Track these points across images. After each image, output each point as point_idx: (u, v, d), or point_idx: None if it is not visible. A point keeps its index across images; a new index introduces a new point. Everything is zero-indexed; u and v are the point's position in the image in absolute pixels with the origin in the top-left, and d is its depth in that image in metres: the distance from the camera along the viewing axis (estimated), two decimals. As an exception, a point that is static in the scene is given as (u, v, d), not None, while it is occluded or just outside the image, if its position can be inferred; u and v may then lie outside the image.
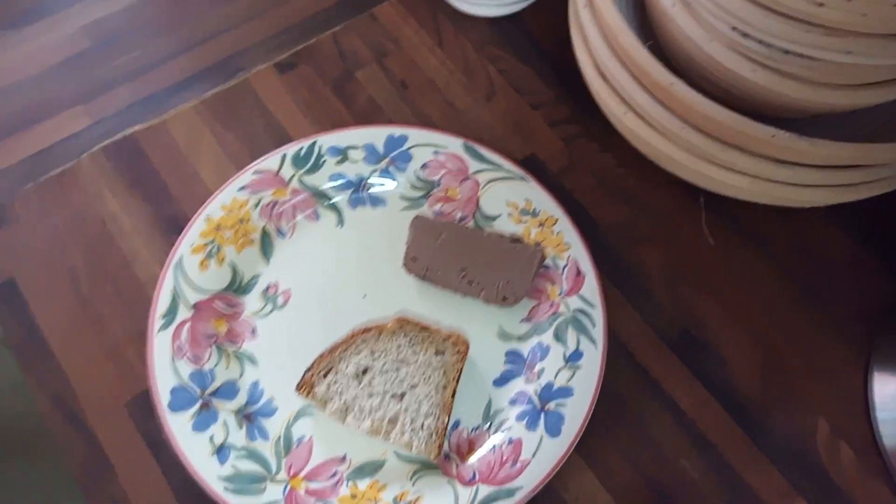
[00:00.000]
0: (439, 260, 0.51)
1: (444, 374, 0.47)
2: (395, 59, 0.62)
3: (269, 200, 0.53)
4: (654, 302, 0.53)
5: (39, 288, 0.51)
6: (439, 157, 0.55)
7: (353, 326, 0.50)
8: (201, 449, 0.45)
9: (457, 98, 0.60)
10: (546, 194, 0.53)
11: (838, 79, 0.42)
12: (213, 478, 0.44)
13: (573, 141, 0.59)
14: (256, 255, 0.52)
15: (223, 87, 0.60)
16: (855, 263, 0.56)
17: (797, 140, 0.42)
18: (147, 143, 0.57)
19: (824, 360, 0.52)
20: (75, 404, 0.48)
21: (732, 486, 0.48)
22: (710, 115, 0.43)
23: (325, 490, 0.45)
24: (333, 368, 0.47)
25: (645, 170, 0.57)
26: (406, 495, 0.45)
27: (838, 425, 0.50)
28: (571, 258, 0.52)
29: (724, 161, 0.46)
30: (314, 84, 0.60)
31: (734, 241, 0.56)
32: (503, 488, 0.45)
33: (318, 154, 0.55)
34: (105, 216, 0.54)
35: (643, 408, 0.50)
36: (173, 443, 0.45)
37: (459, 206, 0.54)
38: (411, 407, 0.46)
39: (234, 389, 0.48)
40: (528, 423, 0.47)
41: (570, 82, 0.61)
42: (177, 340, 0.48)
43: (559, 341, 0.50)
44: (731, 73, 0.44)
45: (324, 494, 0.45)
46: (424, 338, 0.48)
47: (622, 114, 0.50)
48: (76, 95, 0.59)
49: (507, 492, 0.45)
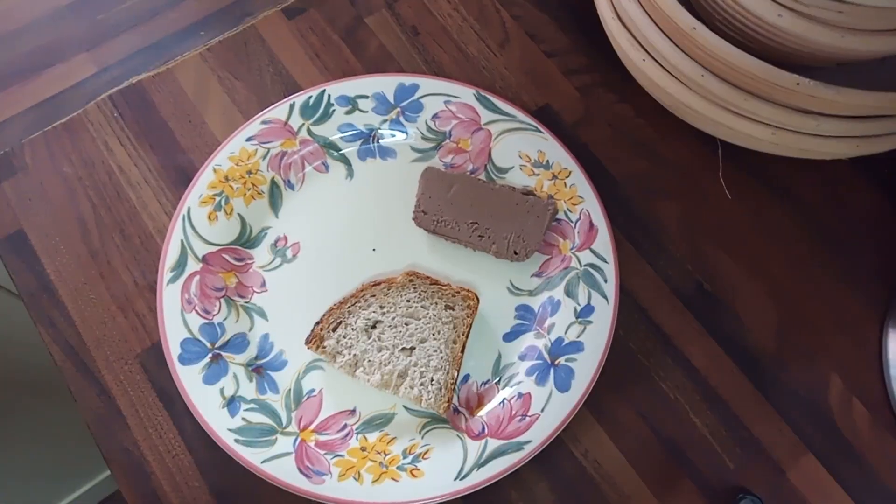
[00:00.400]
0: (450, 213, 0.50)
1: (453, 329, 0.47)
2: (407, 4, 0.60)
3: (278, 151, 0.52)
4: (669, 256, 0.52)
5: (49, 238, 0.51)
6: (451, 107, 0.54)
7: (363, 280, 0.50)
8: (212, 402, 0.45)
9: (469, 45, 0.59)
10: (560, 146, 0.52)
11: (869, 24, 0.40)
12: (224, 430, 0.45)
13: (589, 91, 0.57)
14: (265, 208, 0.52)
15: (230, 34, 0.58)
16: (879, 219, 0.54)
17: (823, 88, 0.40)
18: (154, 91, 0.56)
19: (841, 317, 0.51)
20: (86, 355, 0.48)
21: (743, 440, 0.48)
22: (733, 62, 0.42)
23: (335, 442, 0.46)
24: (343, 322, 0.47)
25: (663, 121, 0.55)
26: (415, 448, 0.45)
27: (851, 382, 0.50)
28: (584, 212, 0.51)
29: (745, 111, 0.45)
30: (323, 30, 0.59)
31: (754, 195, 0.55)
32: (512, 442, 0.45)
33: (327, 103, 0.54)
34: (113, 165, 0.53)
35: (655, 363, 0.49)
36: (184, 395, 0.45)
37: (471, 158, 0.53)
38: (421, 361, 0.46)
39: (244, 343, 0.48)
40: (537, 378, 0.47)
41: (587, 29, 0.59)
42: (186, 293, 0.48)
43: (570, 296, 0.49)
44: (755, 19, 0.42)
45: (333, 447, 0.45)
46: (434, 292, 0.48)
47: (641, 61, 0.48)
48: (81, 42, 0.58)
49: (515, 445, 0.45)
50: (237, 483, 0.45)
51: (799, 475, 0.47)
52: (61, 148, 0.54)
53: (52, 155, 0.53)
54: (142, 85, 0.56)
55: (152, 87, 0.56)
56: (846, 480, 0.47)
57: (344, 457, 0.45)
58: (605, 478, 0.46)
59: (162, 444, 0.46)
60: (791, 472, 0.47)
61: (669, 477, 0.47)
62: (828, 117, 0.43)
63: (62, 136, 0.54)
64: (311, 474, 0.44)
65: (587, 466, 0.47)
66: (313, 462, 0.44)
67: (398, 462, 0.45)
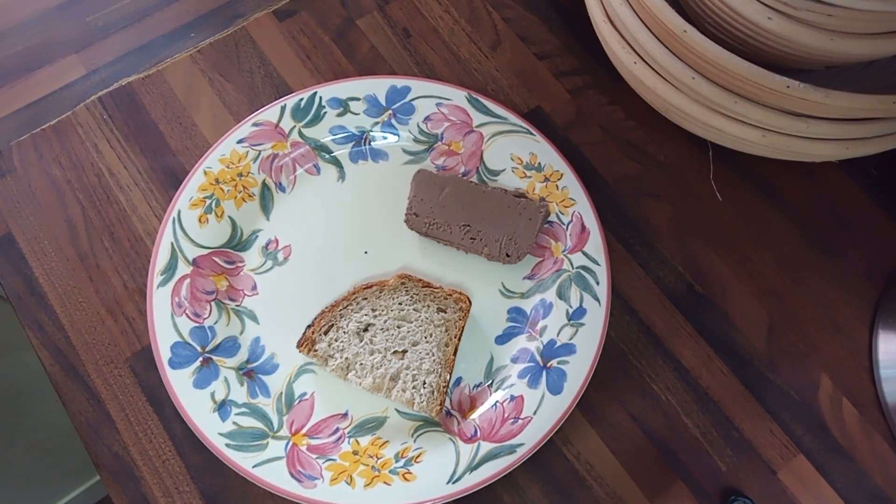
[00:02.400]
0: (441, 216, 0.50)
1: (445, 332, 0.47)
2: (398, 6, 0.60)
3: (269, 154, 0.52)
4: (660, 258, 0.53)
5: (37, 241, 0.50)
6: (443, 109, 0.54)
7: (355, 283, 0.50)
8: (203, 406, 0.45)
9: (461, 47, 0.59)
10: (551, 148, 0.52)
11: (858, 27, 0.40)
12: (215, 434, 0.44)
13: (580, 93, 0.58)
14: (256, 210, 0.51)
15: (220, 35, 0.58)
16: (868, 220, 0.55)
17: (812, 91, 0.41)
18: (143, 93, 0.56)
19: (831, 317, 0.52)
20: (75, 359, 0.47)
21: (734, 441, 0.48)
22: (723, 65, 0.42)
23: (327, 446, 0.45)
24: (334, 325, 0.47)
25: (654, 123, 0.56)
26: (407, 451, 0.45)
27: (841, 382, 0.50)
28: (576, 214, 0.51)
29: (736, 113, 0.45)
30: (314, 32, 0.59)
31: (744, 196, 0.55)
32: (504, 445, 0.45)
33: (319, 105, 0.53)
34: (102, 168, 0.53)
35: (646, 365, 0.49)
36: (174, 399, 0.45)
37: (463, 160, 0.53)
38: (413, 364, 0.46)
39: (234, 346, 0.48)
40: (529, 381, 0.47)
41: (578, 31, 0.59)
42: (176, 297, 0.47)
43: (562, 299, 0.49)
44: (745, 22, 0.42)
45: (325, 451, 0.45)
46: (426, 294, 0.48)
47: (632, 63, 0.48)
48: (70, 44, 0.57)
49: (508, 448, 0.45)
50: (228, 487, 0.45)
51: (790, 475, 0.47)
52: (50, 150, 0.53)
53: (41, 157, 0.53)
54: (131, 87, 0.56)
55: (142, 89, 0.56)
56: (837, 480, 0.47)
57: (336, 461, 0.45)
58: (597, 479, 0.46)
59: (152, 449, 0.46)
60: (782, 472, 0.47)
61: (661, 478, 0.47)
62: (817, 120, 0.43)
63: (51, 139, 0.54)
64: (303, 478, 0.44)
65: (579, 468, 0.47)
66: (305, 466, 0.44)
67: (390, 466, 0.45)
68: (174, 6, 0.59)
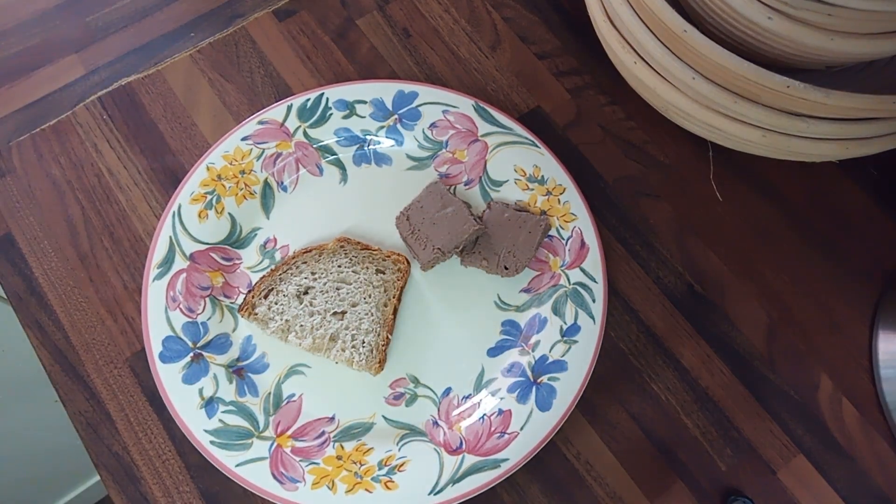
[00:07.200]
0: (426, 231, 0.49)
1: (384, 292, 0.48)
2: (398, 6, 0.60)
3: (273, 152, 0.52)
4: (660, 258, 0.52)
5: (37, 241, 0.50)
6: (449, 117, 0.54)
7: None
8: (190, 401, 0.45)
9: (461, 47, 0.59)
10: (555, 162, 0.52)
11: (858, 27, 0.40)
12: (200, 431, 0.44)
13: (580, 93, 0.58)
14: (256, 208, 0.51)
15: (220, 35, 0.58)
16: (868, 220, 0.55)
17: (812, 91, 0.41)
18: (143, 93, 0.56)
19: (831, 317, 0.52)
20: (75, 359, 0.47)
21: (733, 441, 0.48)
22: (724, 64, 0.42)
23: (311, 449, 0.45)
24: (274, 289, 0.48)
25: (654, 123, 0.56)
26: (391, 460, 0.45)
27: (841, 382, 0.50)
28: (577, 229, 0.51)
29: (736, 113, 0.45)
30: (314, 32, 0.59)
31: (744, 196, 0.55)
32: (489, 459, 0.45)
33: (325, 107, 0.53)
34: (102, 168, 0.53)
35: (646, 365, 0.49)
36: (162, 394, 0.45)
37: (466, 169, 0.53)
38: (352, 324, 0.47)
39: (226, 343, 0.48)
40: (519, 396, 0.47)
41: (578, 31, 0.59)
42: (171, 291, 0.47)
43: (557, 314, 0.49)
44: (746, 22, 0.42)
45: (309, 454, 0.45)
46: (365, 257, 0.49)
47: (632, 63, 0.48)
48: (70, 44, 0.57)
49: (492, 462, 0.44)
50: (228, 487, 0.45)
51: (790, 475, 0.47)
52: (50, 150, 0.53)
53: (41, 157, 0.53)
54: (131, 87, 0.56)
55: (142, 88, 0.56)
56: (837, 480, 0.47)
57: (319, 465, 0.45)
58: (596, 479, 0.46)
59: (152, 449, 0.46)
60: (782, 472, 0.47)
61: (661, 478, 0.47)
62: (817, 119, 0.43)
63: (51, 139, 0.54)
64: (285, 480, 0.44)
65: (579, 468, 0.47)
66: (287, 468, 0.44)
67: (373, 473, 0.44)
68: (174, 6, 0.59)
